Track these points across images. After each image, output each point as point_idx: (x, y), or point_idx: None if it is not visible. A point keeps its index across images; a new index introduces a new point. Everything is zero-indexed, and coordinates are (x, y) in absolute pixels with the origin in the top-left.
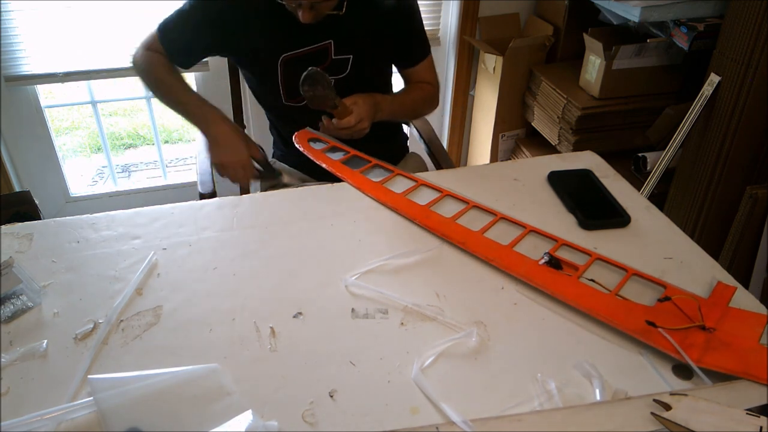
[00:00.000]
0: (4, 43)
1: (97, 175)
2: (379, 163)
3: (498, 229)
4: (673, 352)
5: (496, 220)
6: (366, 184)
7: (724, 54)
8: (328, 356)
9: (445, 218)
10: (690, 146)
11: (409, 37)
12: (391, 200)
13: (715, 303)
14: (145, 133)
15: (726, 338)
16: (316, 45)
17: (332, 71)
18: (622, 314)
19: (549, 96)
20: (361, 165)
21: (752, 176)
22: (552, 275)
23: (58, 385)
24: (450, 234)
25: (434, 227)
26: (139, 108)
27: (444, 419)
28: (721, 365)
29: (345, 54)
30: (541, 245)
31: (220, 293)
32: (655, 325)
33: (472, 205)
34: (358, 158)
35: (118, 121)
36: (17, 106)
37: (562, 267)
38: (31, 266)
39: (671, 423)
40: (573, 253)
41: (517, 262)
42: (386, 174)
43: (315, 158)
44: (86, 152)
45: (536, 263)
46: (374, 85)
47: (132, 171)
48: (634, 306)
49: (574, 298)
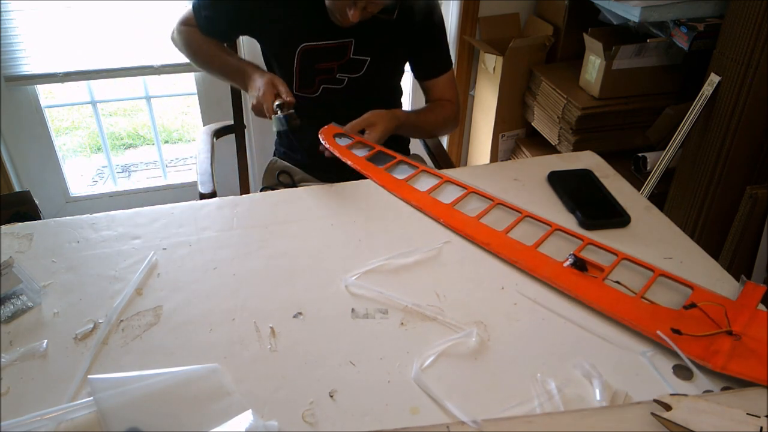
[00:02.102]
0: (4, 43)
1: (97, 175)
2: (404, 159)
3: (522, 228)
4: (699, 359)
5: (521, 218)
6: (390, 181)
7: (724, 54)
8: (328, 356)
9: (470, 218)
10: (690, 146)
11: (433, 48)
12: (415, 199)
13: (743, 305)
14: (145, 133)
15: (753, 344)
16: (337, 41)
17: (347, 69)
18: (647, 319)
19: (549, 96)
20: (387, 161)
21: (752, 176)
22: (576, 278)
23: (58, 385)
24: (474, 235)
25: (459, 227)
26: (139, 108)
27: (445, 419)
28: (746, 373)
29: (363, 55)
30: (566, 245)
31: (220, 293)
32: (681, 333)
33: (497, 202)
34: (383, 154)
35: (118, 121)
36: (17, 106)
37: (587, 268)
38: (31, 266)
39: (671, 423)
40: (599, 253)
41: (541, 264)
42: (411, 170)
43: (340, 154)
44: (86, 152)
45: (561, 265)
46: (386, 90)
47: (132, 171)
48: (660, 310)
49: (598, 301)
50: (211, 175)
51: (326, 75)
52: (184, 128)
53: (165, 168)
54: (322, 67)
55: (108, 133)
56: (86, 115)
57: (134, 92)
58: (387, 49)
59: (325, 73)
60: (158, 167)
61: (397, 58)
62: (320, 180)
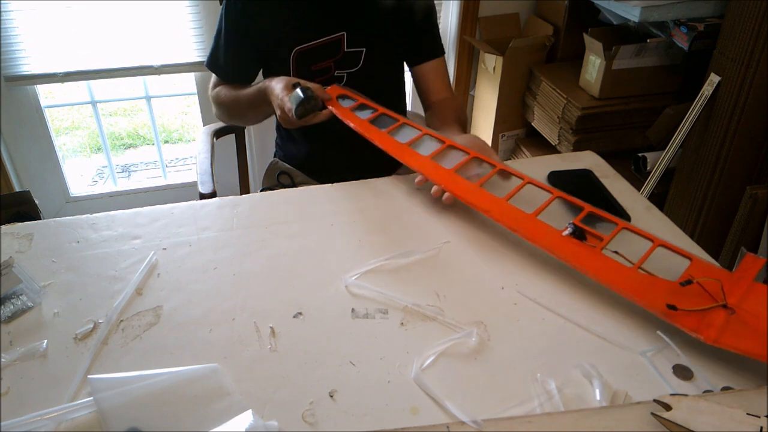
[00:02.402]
0: (4, 43)
1: (97, 175)
2: (407, 122)
3: (524, 195)
4: (693, 332)
5: (523, 185)
6: (392, 145)
7: (724, 54)
8: (328, 356)
9: (471, 185)
10: (690, 146)
11: (425, 31)
12: (417, 163)
13: (740, 277)
14: (145, 133)
15: (747, 317)
16: (329, 37)
17: (344, 65)
18: (643, 290)
19: (549, 96)
20: (390, 124)
21: (752, 176)
22: (575, 247)
23: (58, 385)
24: (475, 201)
25: (460, 194)
26: (139, 108)
27: (445, 419)
28: (739, 346)
29: (358, 47)
30: (567, 213)
31: (220, 293)
32: (676, 308)
33: (499, 167)
34: (386, 117)
35: (118, 121)
36: (17, 106)
37: (586, 238)
38: (31, 266)
39: (671, 423)
40: (600, 222)
41: (540, 233)
42: (414, 134)
43: (342, 116)
44: (86, 152)
45: (560, 234)
46: (387, 81)
47: (132, 171)
48: (657, 281)
49: (595, 271)
50: (211, 175)
51: (324, 75)
52: (184, 128)
53: (165, 168)
54: (319, 67)
55: (108, 133)
56: (86, 115)
57: (134, 92)
58: (381, 37)
59: (323, 74)
60: (158, 167)
61: (392, 45)
62: (320, 182)
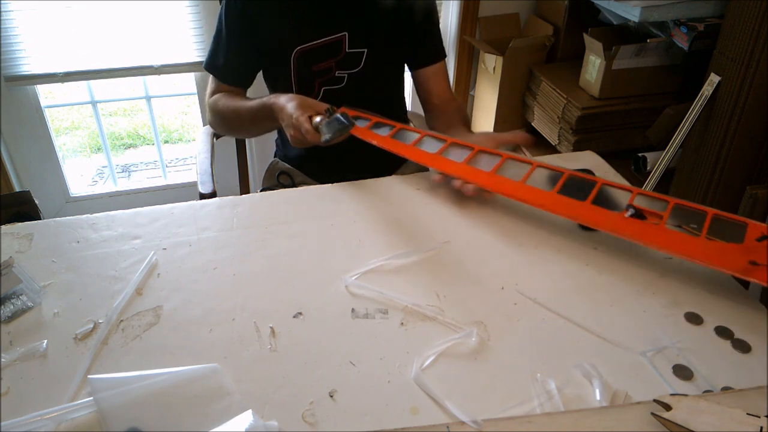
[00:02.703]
0: (4, 43)
1: (97, 175)
2: (429, 134)
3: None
4: None
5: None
6: (424, 156)
7: (724, 54)
8: (328, 356)
9: (517, 183)
10: (690, 146)
11: (427, 35)
12: (455, 169)
13: None
14: (145, 133)
15: None
16: (330, 37)
17: (345, 65)
18: (718, 256)
19: (549, 96)
20: (412, 138)
21: (752, 176)
22: (639, 226)
23: (58, 385)
24: (526, 197)
25: (508, 193)
26: (139, 108)
27: (445, 419)
28: None
29: (359, 47)
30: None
31: (220, 293)
32: (757, 264)
33: (536, 165)
34: (405, 132)
35: (118, 121)
36: (17, 106)
37: (645, 217)
38: (31, 266)
39: (671, 423)
40: (649, 200)
41: (602, 218)
42: (440, 144)
43: (362, 136)
44: (86, 152)
45: (622, 216)
46: (388, 82)
47: (132, 171)
48: (727, 246)
49: (668, 245)
50: (211, 175)
51: (325, 76)
52: (184, 128)
53: (165, 168)
54: (320, 67)
55: (108, 133)
56: (86, 115)
57: (134, 92)
58: (382, 38)
59: (324, 74)
60: (158, 167)
61: (394, 47)
62: (320, 182)
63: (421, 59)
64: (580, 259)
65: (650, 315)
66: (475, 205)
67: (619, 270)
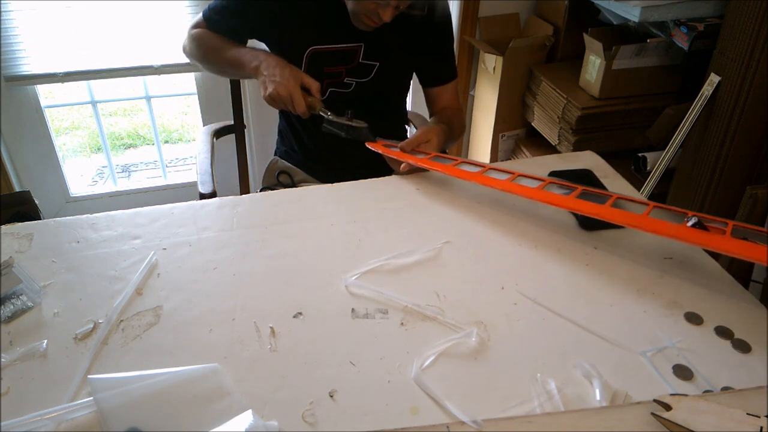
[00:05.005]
0: (4, 43)
1: (97, 175)
2: (465, 161)
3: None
4: None
5: (614, 198)
6: (468, 175)
7: (724, 54)
8: (328, 356)
9: (563, 196)
10: (690, 146)
11: (442, 56)
12: (500, 185)
13: None
14: (145, 133)
15: None
16: (347, 45)
17: (355, 74)
18: None
19: (549, 96)
20: (449, 162)
21: (752, 176)
22: (704, 235)
23: (58, 385)
24: (580, 209)
25: (560, 203)
26: (139, 108)
27: (445, 419)
28: None
29: (373, 60)
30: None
31: (220, 293)
32: None
33: (581, 189)
34: (440, 158)
35: (118, 121)
36: (17, 106)
37: (708, 228)
38: (31, 266)
39: (671, 423)
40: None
41: (664, 227)
42: (478, 169)
43: (414, 161)
44: (86, 152)
45: (684, 226)
46: (393, 94)
47: (132, 171)
48: None
49: (740, 251)
50: (211, 175)
51: (334, 78)
52: (184, 128)
53: (165, 168)
54: (331, 70)
55: (108, 133)
56: (86, 115)
57: (134, 92)
58: (396, 54)
59: (334, 77)
60: (158, 167)
61: (406, 64)
62: (320, 180)
63: (433, 79)
64: (580, 259)
65: (650, 315)
66: (475, 205)
67: (619, 270)
